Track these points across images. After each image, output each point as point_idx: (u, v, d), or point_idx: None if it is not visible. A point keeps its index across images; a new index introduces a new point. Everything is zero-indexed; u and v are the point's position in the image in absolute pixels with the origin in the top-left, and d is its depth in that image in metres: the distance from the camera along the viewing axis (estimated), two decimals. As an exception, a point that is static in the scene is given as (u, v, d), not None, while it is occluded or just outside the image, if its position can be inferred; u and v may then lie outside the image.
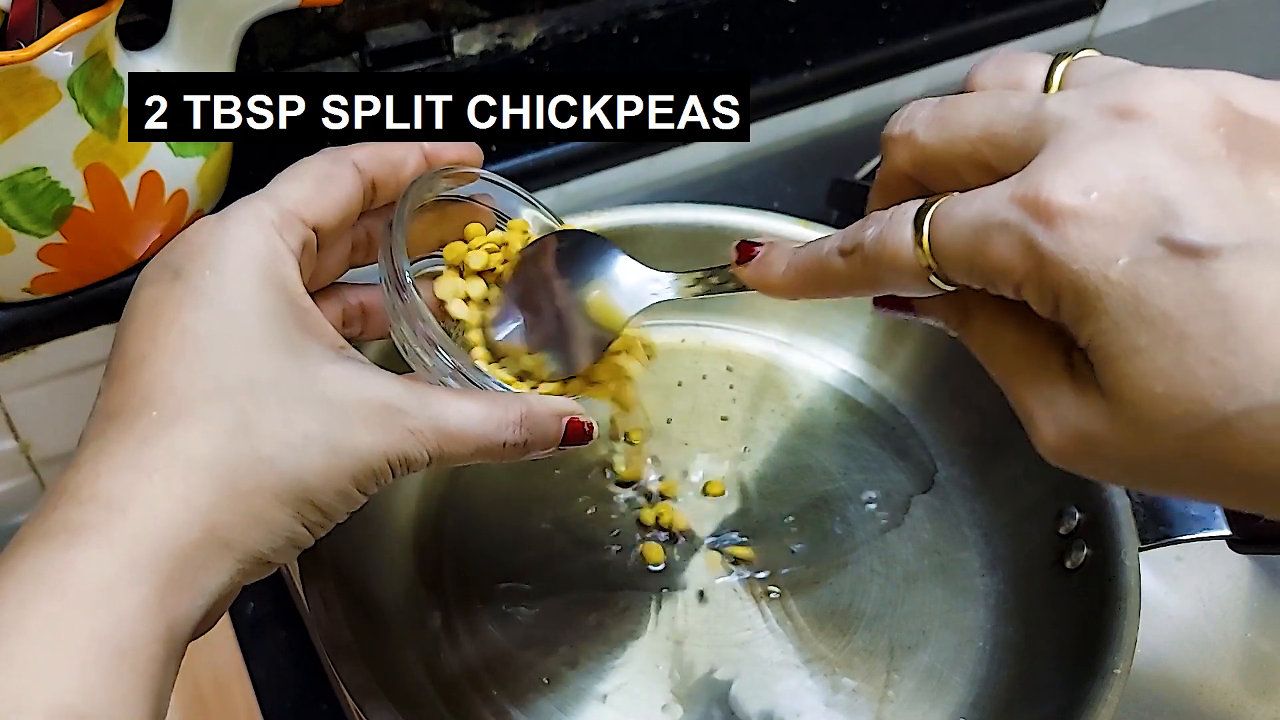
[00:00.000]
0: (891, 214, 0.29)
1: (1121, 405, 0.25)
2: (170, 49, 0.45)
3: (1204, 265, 0.24)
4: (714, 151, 0.64)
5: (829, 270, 0.31)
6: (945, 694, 0.44)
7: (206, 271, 0.32)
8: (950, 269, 0.28)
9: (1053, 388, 0.28)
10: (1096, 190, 0.25)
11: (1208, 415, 0.24)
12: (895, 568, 0.48)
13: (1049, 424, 0.28)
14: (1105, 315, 0.25)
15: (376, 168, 0.36)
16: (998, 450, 0.50)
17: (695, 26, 0.64)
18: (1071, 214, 0.25)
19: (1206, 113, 0.25)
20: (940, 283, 0.28)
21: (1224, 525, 0.42)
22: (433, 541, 0.47)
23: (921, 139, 0.29)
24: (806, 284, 0.32)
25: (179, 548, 0.29)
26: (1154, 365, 0.24)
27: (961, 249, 0.27)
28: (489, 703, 0.43)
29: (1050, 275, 0.25)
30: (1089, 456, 0.27)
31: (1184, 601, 0.52)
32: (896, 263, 0.28)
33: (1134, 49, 0.85)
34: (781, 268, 0.33)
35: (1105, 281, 0.25)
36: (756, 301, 0.56)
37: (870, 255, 0.29)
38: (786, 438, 0.52)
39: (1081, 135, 0.26)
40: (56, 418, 0.51)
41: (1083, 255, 0.25)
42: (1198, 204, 0.24)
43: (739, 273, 0.34)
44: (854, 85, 0.67)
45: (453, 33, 0.59)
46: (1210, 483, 0.26)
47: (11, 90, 0.38)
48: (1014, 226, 0.25)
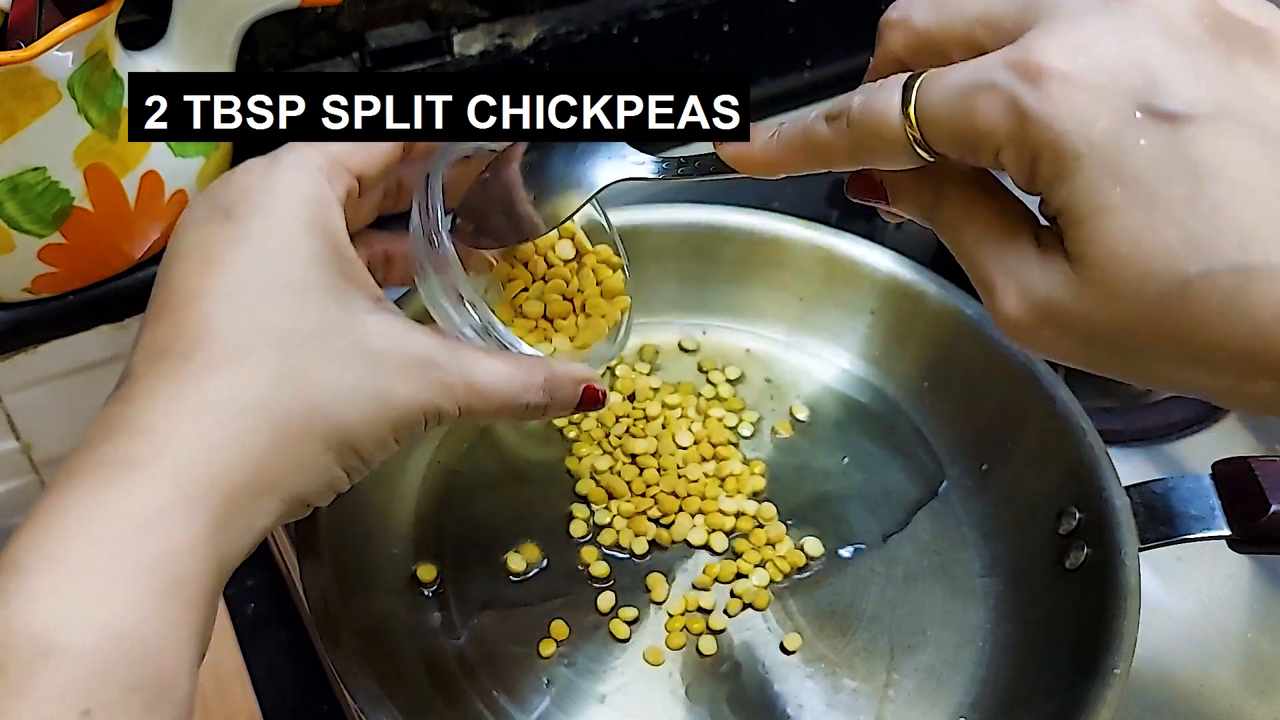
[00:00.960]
0: (880, 83, 0.29)
1: (1087, 268, 0.26)
2: (170, 49, 0.45)
3: (1179, 131, 0.25)
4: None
5: (813, 138, 0.31)
6: (945, 694, 0.44)
7: (258, 215, 0.32)
8: (934, 134, 0.28)
9: (1018, 258, 0.28)
10: (1084, 56, 0.26)
11: (1170, 276, 0.25)
12: (895, 568, 0.48)
13: (1011, 294, 0.28)
14: (1081, 175, 0.25)
15: None
16: (998, 450, 0.50)
17: (695, 26, 0.64)
18: (1059, 76, 0.25)
19: (1194, 4, 0.27)
20: (922, 152, 0.28)
21: (1224, 525, 0.42)
22: (433, 541, 0.47)
23: (917, 21, 0.30)
24: (789, 156, 0.32)
25: (230, 486, 0.29)
26: (1123, 225, 0.25)
27: (947, 111, 0.27)
28: (489, 702, 0.43)
29: (1032, 134, 0.26)
30: (1049, 326, 0.28)
31: (1184, 601, 0.52)
32: (882, 128, 0.29)
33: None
34: (763, 140, 0.33)
35: (1084, 142, 0.25)
36: (757, 301, 0.56)
37: (856, 120, 0.29)
38: (786, 438, 0.52)
39: (1074, 10, 0.27)
40: (57, 418, 0.51)
41: (1065, 115, 0.25)
42: (1179, 75, 0.25)
43: (722, 150, 0.34)
44: (854, 85, 0.67)
45: (453, 33, 0.59)
46: (1167, 353, 0.26)
47: (11, 90, 0.38)
48: (1001, 87, 0.26)
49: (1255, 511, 0.42)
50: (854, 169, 0.32)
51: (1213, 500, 0.43)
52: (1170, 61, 0.25)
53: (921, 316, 0.53)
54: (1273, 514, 0.42)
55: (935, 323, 0.53)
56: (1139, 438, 0.57)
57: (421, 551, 0.47)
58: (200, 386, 0.30)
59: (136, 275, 0.47)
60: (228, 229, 0.32)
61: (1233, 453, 0.44)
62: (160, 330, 0.32)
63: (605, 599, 0.46)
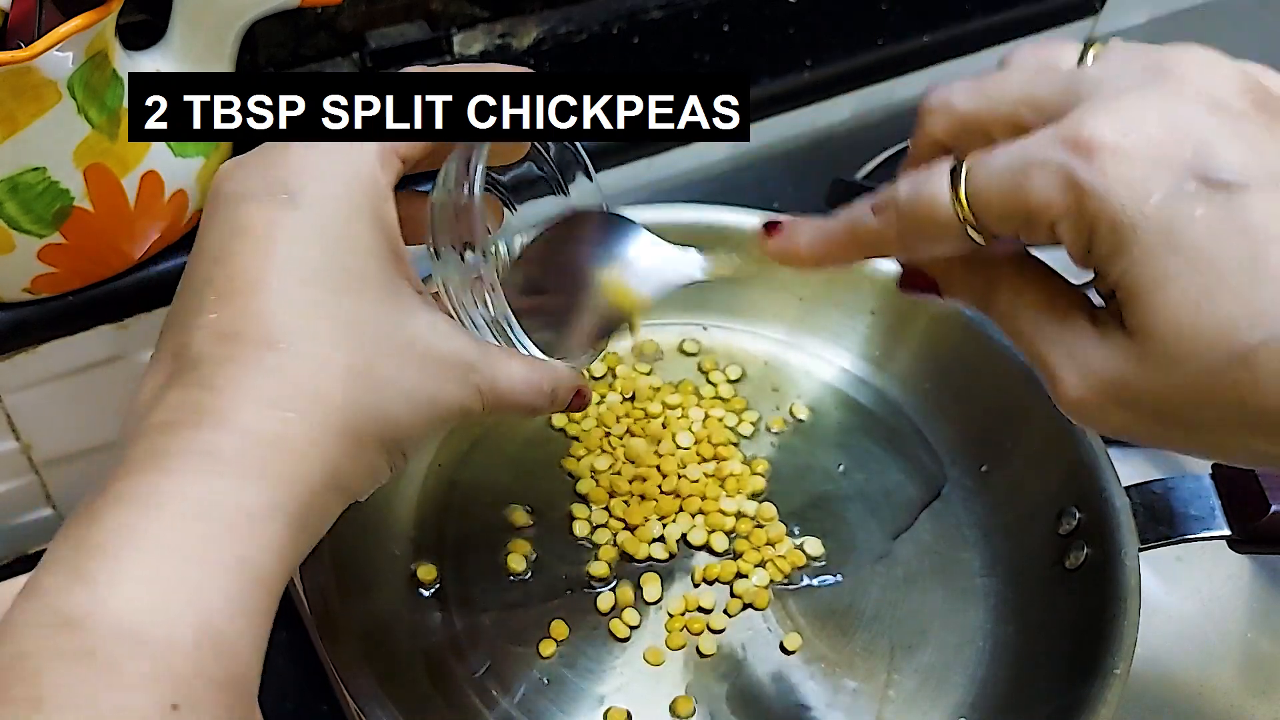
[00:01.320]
0: (926, 169, 0.29)
1: (1148, 340, 0.26)
2: (170, 49, 0.45)
3: (1234, 199, 0.25)
4: (714, 151, 0.65)
5: (859, 229, 0.31)
6: (945, 694, 0.44)
7: (323, 202, 0.32)
8: (987, 214, 0.28)
9: (1077, 339, 0.28)
10: (1134, 130, 0.26)
11: (1231, 346, 0.25)
12: (895, 568, 0.48)
13: (1073, 374, 0.28)
14: (1138, 247, 0.26)
15: None
16: (998, 450, 0.50)
17: (695, 26, 0.64)
18: (1111, 150, 0.26)
19: (1236, 79, 0.27)
20: (975, 234, 0.28)
21: (1224, 525, 0.42)
22: (433, 541, 0.47)
23: (959, 105, 0.30)
24: (836, 249, 0.33)
25: (309, 489, 0.29)
26: (1182, 295, 0.25)
27: (1000, 190, 0.27)
28: (489, 703, 0.43)
29: (1088, 208, 0.26)
30: (1113, 404, 0.28)
31: (1184, 601, 0.52)
32: (932, 212, 0.29)
33: (1134, 49, 0.85)
34: (807, 237, 0.33)
35: (1140, 215, 0.25)
36: (757, 301, 0.56)
37: (905, 208, 0.30)
38: (787, 438, 0.52)
39: (1120, 86, 0.27)
40: (57, 418, 0.51)
41: (1120, 188, 0.26)
42: (1229, 145, 0.26)
43: (766, 248, 0.35)
44: (854, 85, 0.67)
45: (453, 33, 0.59)
46: (1231, 422, 0.26)
47: (11, 90, 0.38)
48: (1054, 164, 0.26)
49: (1255, 511, 0.42)
50: (904, 257, 0.32)
51: (1213, 500, 0.43)
52: (1220, 132, 0.26)
53: (921, 316, 0.53)
54: (1273, 514, 0.42)
55: (935, 323, 0.53)
56: (1139, 438, 0.57)
57: (421, 551, 0.47)
58: (282, 381, 0.29)
59: (136, 275, 0.47)
60: (294, 215, 0.31)
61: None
62: (227, 313, 0.30)
63: (605, 599, 0.46)
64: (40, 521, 0.54)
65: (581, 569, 0.47)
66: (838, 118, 0.69)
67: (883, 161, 0.70)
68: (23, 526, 0.54)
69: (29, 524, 0.54)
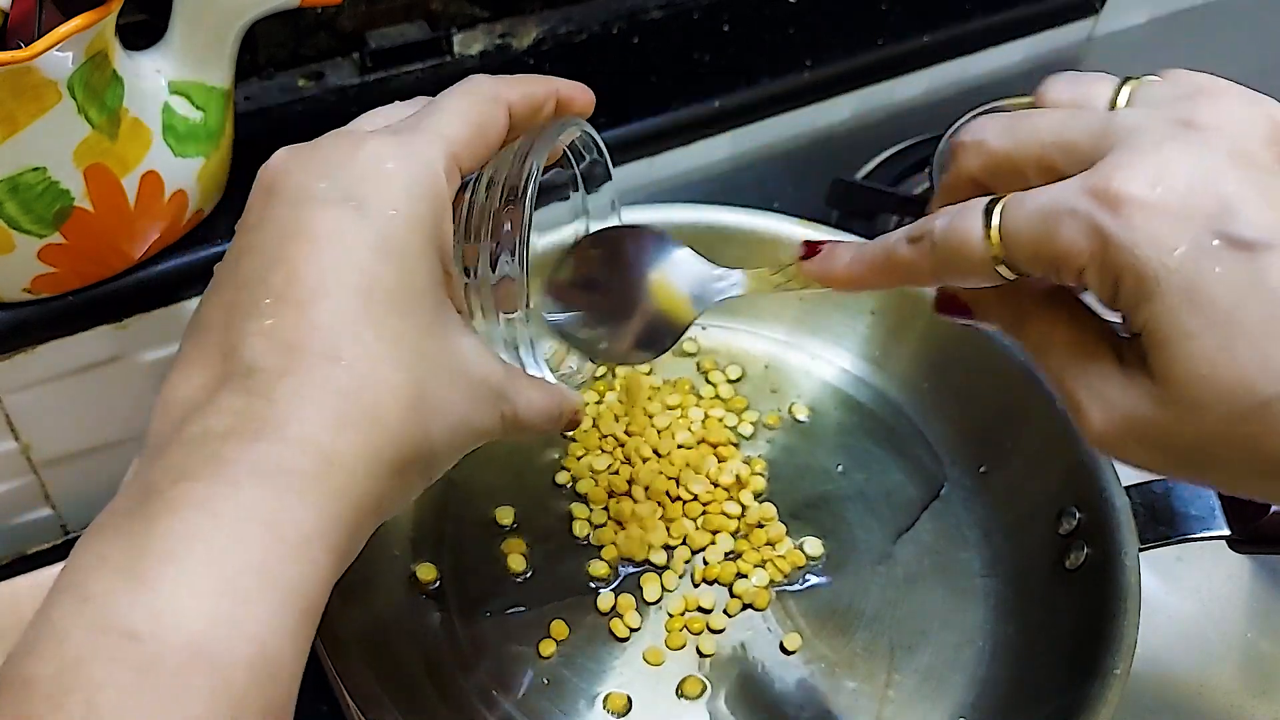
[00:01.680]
0: (961, 206, 0.30)
1: (1169, 387, 0.27)
2: (170, 49, 0.45)
3: (1256, 259, 0.26)
4: (714, 151, 0.64)
5: (894, 258, 0.32)
6: (945, 694, 0.44)
7: (392, 217, 0.30)
8: (1018, 254, 0.29)
9: (1102, 377, 0.29)
10: (1162, 185, 0.27)
11: (1249, 398, 0.26)
12: (895, 568, 0.48)
13: (1097, 411, 0.29)
14: (1161, 299, 0.27)
15: (521, 112, 0.35)
16: (998, 451, 0.50)
17: (695, 26, 0.64)
18: (1138, 204, 0.27)
19: (1264, 131, 0.28)
20: (1005, 271, 0.29)
21: (1224, 525, 0.42)
22: (433, 541, 0.47)
23: (993, 144, 0.31)
24: (870, 273, 0.33)
25: (358, 513, 0.28)
26: (1202, 349, 0.26)
27: (1031, 234, 0.28)
28: (489, 703, 0.43)
29: (1113, 259, 0.27)
30: (1134, 441, 0.29)
31: (1184, 601, 0.52)
32: (965, 248, 0.30)
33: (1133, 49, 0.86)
34: (846, 260, 0.34)
35: (1163, 268, 0.26)
36: (757, 302, 0.56)
37: (939, 241, 0.30)
38: (787, 438, 0.52)
39: (1150, 139, 0.28)
40: (57, 418, 0.51)
41: (1145, 242, 0.27)
42: (1253, 203, 0.26)
43: (803, 268, 0.35)
44: (854, 85, 0.67)
45: (453, 33, 0.59)
46: (1247, 467, 0.27)
47: (11, 90, 0.38)
48: (1083, 213, 0.27)
49: (1255, 511, 0.42)
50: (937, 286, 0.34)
51: (1213, 500, 0.43)
52: (1244, 189, 0.27)
53: (921, 316, 0.53)
54: (1273, 514, 0.42)
55: (935, 323, 0.52)
56: (1139, 438, 0.57)
57: (421, 551, 0.47)
58: (343, 399, 0.28)
59: (136, 275, 0.47)
60: (360, 224, 0.30)
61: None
62: (286, 320, 0.29)
63: (605, 599, 0.46)
64: (40, 521, 0.54)
65: (581, 569, 0.47)
66: (838, 118, 0.69)
67: (883, 161, 0.70)
68: (22, 527, 0.53)
69: (28, 524, 0.54)
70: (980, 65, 0.73)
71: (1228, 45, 0.84)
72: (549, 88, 0.36)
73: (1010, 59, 0.75)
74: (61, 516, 0.54)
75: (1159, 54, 0.82)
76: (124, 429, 0.52)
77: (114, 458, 0.52)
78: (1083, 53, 0.80)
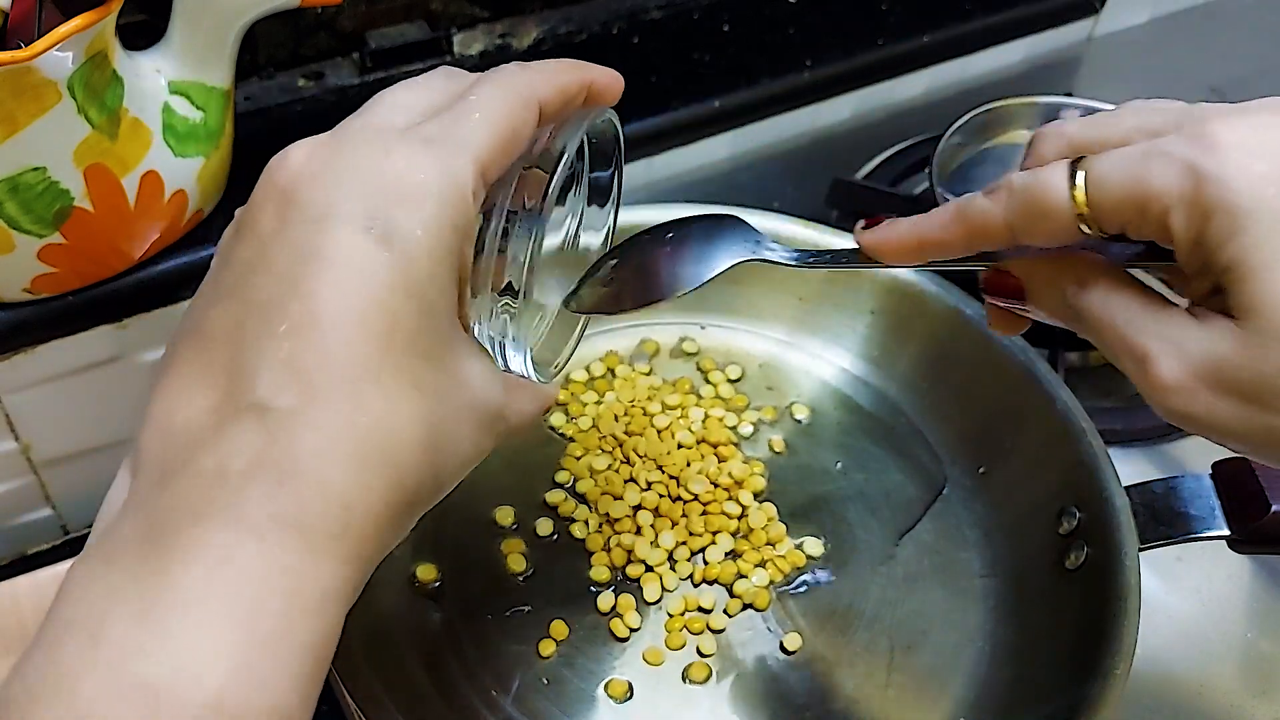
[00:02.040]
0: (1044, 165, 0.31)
1: (1254, 318, 0.28)
2: (170, 49, 0.45)
3: None
4: (714, 151, 0.65)
5: (969, 209, 0.32)
6: (945, 694, 0.44)
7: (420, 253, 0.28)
8: (1103, 201, 0.30)
9: (1176, 325, 0.30)
10: (1256, 135, 0.28)
11: None
12: (895, 568, 0.48)
13: (1170, 358, 0.30)
14: (1251, 232, 0.28)
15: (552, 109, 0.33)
16: (998, 451, 0.50)
17: (695, 26, 0.64)
18: (1235, 145, 0.28)
19: None
20: (1084, 225, 0.30)
21: (1224, 525, 0.42)
22: (433, 541, 0.47)
23: (1074, 131, 0.32)
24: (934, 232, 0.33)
25: (370, 565, 0.28)
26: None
27: (1120, 176, 0.29)
28: (489, 703, 0.43)
29: (1206, 194, 0.28)
30: (1208, 387, 0.29)
31: (1184, 601, 0.52)
32: (1046, 197, 0.30)
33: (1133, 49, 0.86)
34: (903, 227, 0.34)
35: (1256, 200, 0.28)
36: (757, 301, 0.56)
37: (1019, 188, 0.31)
38: (786, 438, 0.52)
39: (1240, 108, 0.29)
40: (56, 418, 0.51)
41: (1240, 178, 0.28)
42: None
43: (861, 238, 0.35)
44: (854, 85, 0.67)
45: (453, 33, 0.59)
46: None
47: (11, 90, 0.38)
48: (1177, 155, 0.29)
49: (1255, 511, 0.42)
50: (1004, 247, 0.33)
51: (1213, 500, 0.43)
52: None
53: (921, 316, 0.53)
54: (1273, 514, 0.42)
55: (935, 323, 0.53)
56: (1139, 438, 0.57)
57: (421, 551, 0.47)
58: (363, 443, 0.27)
59: (136, 275, 0.47)
60: (386, 256, 0.28)
61: (1233, 452, 0.44)
62: (302, 350, 0.27)
63: (605, 599, 0.46)
64: (40, 522, 0.54)
65: (581, 569, 0.47)
66: (838, 118, 0.69)
67: (883, 161, 0.70)
68: (22, 527, 0.54)
69: (28, 524, 0.54)
70: (980, 65, 0.73)
71: (1228, 45, 0.84)
72: (583, 77, 0.34)
73: (1010, 59, 0.75)
74: (61, 517, 0.54)
75: (1160, 54, 0.82)
76: (124, 429, 0.52)
77: (114, 458, 0.52)
78: (1083, 53, 0.80)
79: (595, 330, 0.56)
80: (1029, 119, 0.65)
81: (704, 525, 0.48)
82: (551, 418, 0.52)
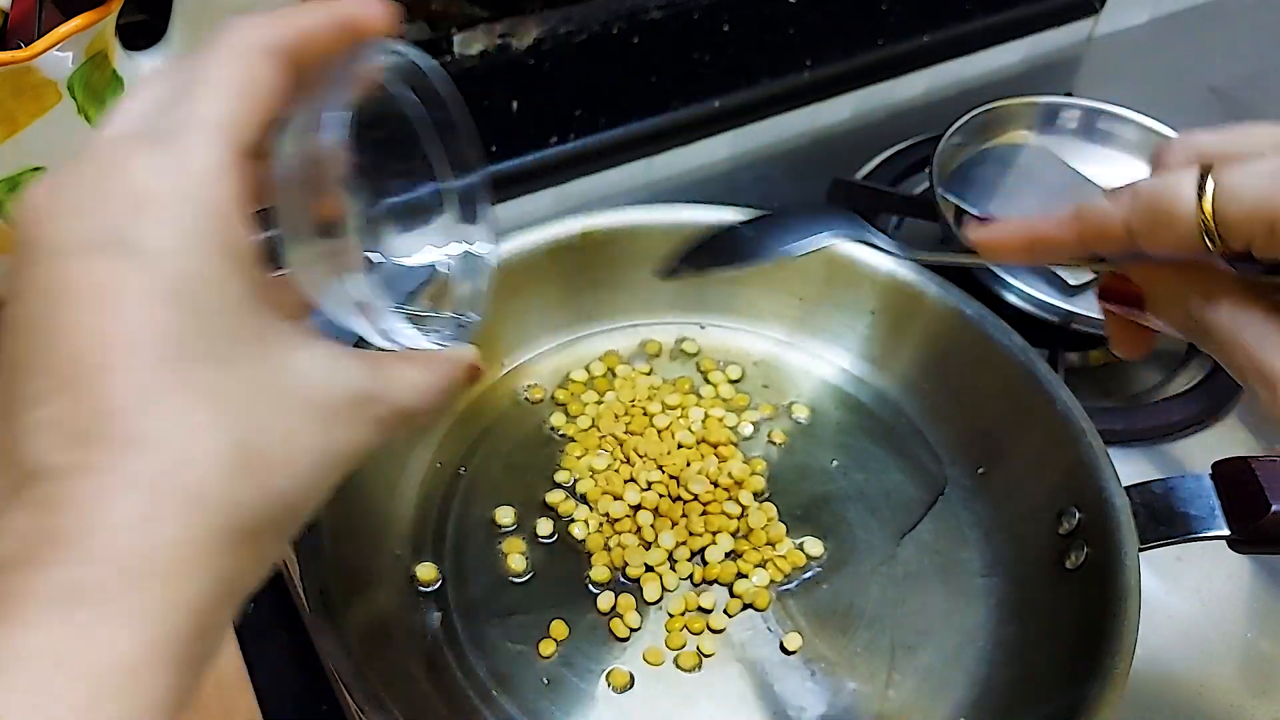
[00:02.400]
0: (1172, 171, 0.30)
1: None
2: (170, 49, 0.45)
3: None
4: (714, 151, 0.65)
5: (1086, 211, 0.31)
6: (945, 694, 0.44)
7: (170, 242, 0.25)
8: (1232, 214, 0.28)
9: None
10: None
11: None
12: (895, 568, 0.48)
13: None
14: None
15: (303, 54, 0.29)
16: (998, 451, 0.50)
17: (695, 26, 0.64)
18: None
19: None
20: (1207, 239, 0.29)
21: (1224, 525, 0.42)
22: (433, 541, 0.47)
23: (1206, 143, 0.30)
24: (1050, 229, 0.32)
25: (197, 612, 0.24)
26: None
27: (1254, 189, 0.28)
28: (489, 703, 0.43)
29: None
30: None
31: (1184, 601, 0.52)
32: (1173, 206, 0.29)
33: (1134, 49, 0.86)
34: (1015, 223, 0.33)
35: None
36: (757, 301, 0.56)
37: (1144, 196, 0.30)
38: (786, 437, 0.52)
39: None
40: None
41: None
42: None
43: (971, 233, 0.34)
44: (854, 85, 0.67)
45: (453, 33, 0.59)
46: None
47: (11, 90, 0.38)
48: None
49: (1255, 511, 0.42)
50: (1120, 252, 0.32)
51: (1213, 500, 0.43)
52: None
53: (921, 316, 0.53)
54: (1273, 514, 0.41)
55: (935, 323, 0.53)
56: (1139, 438, 0.57)
57: (421, 551, 0.47)
58: (152, 489, 0.24)
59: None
60: (134, 269, 0.25)
61: (1233, 453, 0.44)
62: (70, 407, 0.24)
63: (605, 599, 0.46)
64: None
65: (581, 569, 0.47)
66: (838, 118, 0.69)
67: (883, 161, 0.70)
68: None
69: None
70: (980, 65, 0.73)
71: (1228, 45, 0.84)
72: (330, 16, 0.30)
73: (1010, 59, 0.75)
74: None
75: (1160, 54, 0.82)
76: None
77: None
78: (1082, 53, 0.80)
79: (595, 330, 0.56)
80: (1029, 119, 0.65)
81: (704, 525, 0.48)
82: (551, 418, 0.52)
